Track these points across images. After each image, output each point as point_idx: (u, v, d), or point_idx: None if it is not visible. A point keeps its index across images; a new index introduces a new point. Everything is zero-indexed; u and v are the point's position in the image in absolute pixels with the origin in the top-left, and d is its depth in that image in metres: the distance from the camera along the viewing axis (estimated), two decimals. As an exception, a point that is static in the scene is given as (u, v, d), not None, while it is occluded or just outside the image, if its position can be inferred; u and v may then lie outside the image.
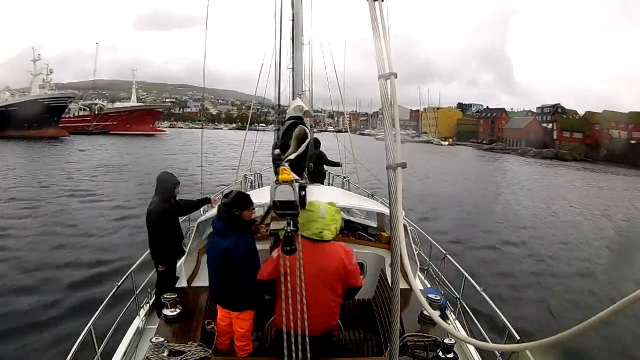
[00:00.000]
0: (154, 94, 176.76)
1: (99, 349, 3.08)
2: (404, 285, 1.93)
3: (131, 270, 3.96)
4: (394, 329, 1.67)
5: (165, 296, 3.37)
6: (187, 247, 4.12)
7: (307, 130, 3.44)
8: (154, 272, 4.39)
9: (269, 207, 3.68)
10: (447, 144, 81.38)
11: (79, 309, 6.49)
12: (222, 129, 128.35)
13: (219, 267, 2.98)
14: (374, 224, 5.78)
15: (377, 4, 1.53)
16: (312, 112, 5.52)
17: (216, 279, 3.08)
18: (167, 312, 3.26)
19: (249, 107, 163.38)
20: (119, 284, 3.74)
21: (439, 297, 3.62)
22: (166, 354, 2.62)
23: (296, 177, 2.21)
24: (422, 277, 4.86)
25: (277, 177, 2.21)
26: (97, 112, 73.08)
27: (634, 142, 56.71)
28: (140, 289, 4.06)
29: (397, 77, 1.54)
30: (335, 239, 2.69)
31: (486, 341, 3.29)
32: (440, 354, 2.75)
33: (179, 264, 4.22)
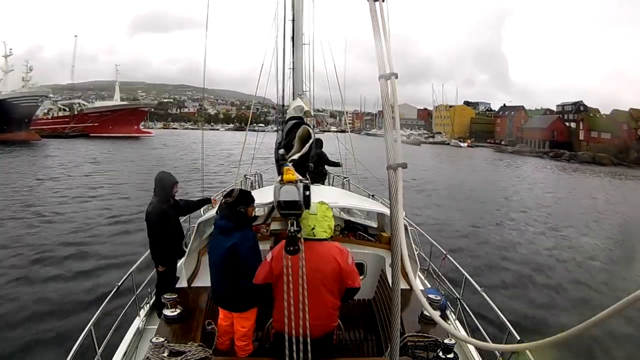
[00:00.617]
0: (153, 94, 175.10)
1: (99, 349, 3.08)
2: (404, 285, 1.93)
3: (131, 270, 3.96)
4: (394, 329, 1.67)
5: (165, 296, 3.37)
6: (187, 247, 4.12)
7: (310, 130, 3.45)
8: (154, 272, 4.39)
9: (271, 207, 3.68)
10: (465, 145, 72.78)
11: (79, 309, 6.49)
12: (218, 129, 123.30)
13: (224, 266, 2.97)
14: (374, 224, 5.77)
15: (377, 4, 1.53)
16: (312, 112, 5.52)
17: (219, 278, 3.07)
18: (167, 312, 3.26)
19: (248, 107, 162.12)
20: (119, 284, 3.74)
21: (439, 297, 3.62)
22: (166, 354, 2.62)
23: (300, 177, 2.21)
24: (422, 277, 4.86)
25: (280, 176, 2.21)
26: (77, 112, 64.64)
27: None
28: (140, 289, 4.06)
29: (397, 77, 1.54)
30: (334, 239, 2.68)
31: (486, 341, 3.29)
32: (440, 354, 2.75)
33: (179, 264, 4.22)
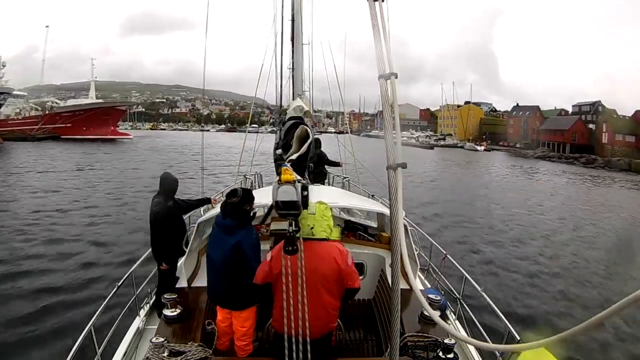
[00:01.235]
0: (147, 94, 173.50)
1: (99, 349, 3.08)
2: (404, 285, 1.93)
3: (131, 270, 3.96)
4: (394, 329, 1.67)
5: (165, 296, 3.37)
6: (187, 247, 4.12)
7: (309, 130, 3.45)
8: (154, 272, 4.40)
9: (270, 207, 3.68)
10: (482, 148, 66.57)
11: (79, 309, 6.49)
12: (209, 130, 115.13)
13: (228, 264, 2.97)
14: (374, 224, 5.78)
15: (377, 4, 1.53)
16: (312, 112, 5.53)
17: (219, 277, 3.07)
18: (167, 312, 3.26)
19: (242, 107, 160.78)
20: (119, 284, 3.74)
21: (439, 297, 3.62)
22: (166, 354, 2.62)
23: (298, 177, 2.21)
24: (422, 277, 4.86)
25: (279, 177, 2.21)
26: (48, 112, 57.90)
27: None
28: (140, 289, 4.06)
29: (397, 77, 1.54)
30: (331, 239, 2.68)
31: (486, 341, 3.29)
32: (440, 354, 2.75)
33: (179, 264, 4.23)
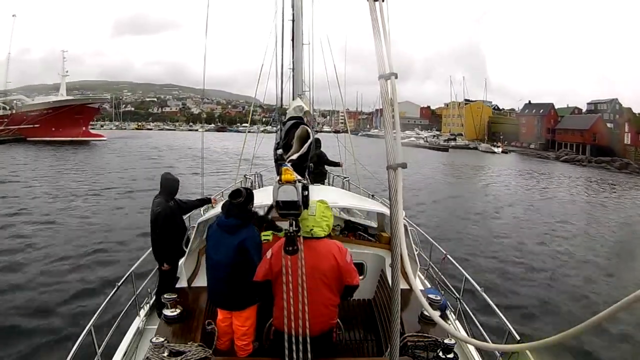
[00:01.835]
0: (139, 93, 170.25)
1: (99, 349, 3.08)
2: (404, 285, 1.93)
3: (131, 270, 3.96)
4: (394, 329, 1.67)
5: (165, 296, 3.37)
6: (187, 247, 4.12)
7: (309, 130, 3.45)
8: (154, 272, 4.40)
9: (269, 207, 3.68)
10: (499, 150, 59.94)
11: (79, 309, 6.49)
12: (197, 130, 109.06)
13: (232, 263, 2.97)
14: (374, 224, 5.78)
15: (377, 4, 1.53)
16: (312, 112, 5.52)
17: (221, 277, 3.06)
18: (167, 312, 3.26)
19: (234, 106, 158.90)
20: (119, 284, 3.74)
21: (439, 297, 3.62)
22: (166, 354, 2.62)
23: (299, 177, 2.21)
24: (422, 277, 4.86)
25: (279, 176, 2.21)
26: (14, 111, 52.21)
27: None
28: (140, 289, 4.06)
29: (397, 77, 1.54)
30: (332, 238, 2.68)
31: (486, 341, 3.29)
32: (440, 354, 2.75)
33: (179, 264, 4.22)
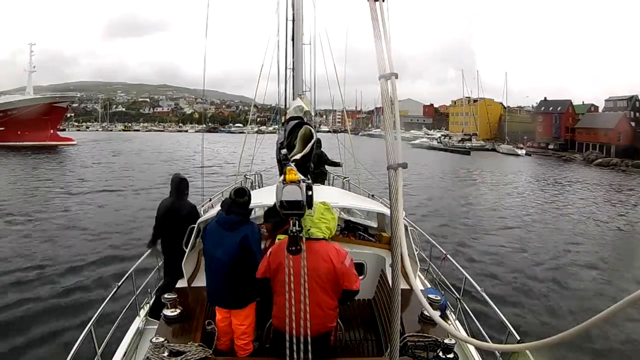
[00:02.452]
0: (133, 94, 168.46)
1: (99, 349, 3.08)
2: (404, 285, 1.93)
3: (131, 270, 3.96)
4: (394, 329, 1.67)
5: (165, 296, 3.36)
6: (187, 247, 4.12)
7: (312, 130, 3.45)
8: (154, 272, 4.41)
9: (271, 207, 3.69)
10: (523, 152, 54.44)
11: (79, 309, 6.50)
12: (187, 130, 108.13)
13: (234, 260, 2.97)
14: (374, 224, 5.78)
15: (377, 4, 1.53)
16: (312, 113, 5.51)
17: (221, 275, 3.06)
18: (167, 312, 3.26)
19: (228, 106, 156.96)
20: (119, 284, 3.74)
21: (439, 297, 3.62)
22: (166, 354, 2.62)
23: (302, 177, 2.22)
24: (422, 277, 4.86)
25: (283, 176, 2.21)
26: None
27: None
28: (140, 288, 4.06)
29: (397, 77, 1.54)
30: (333, 239, 2.67)
31: (486, 341, 3.29)
32: (440, 354, 2.74)
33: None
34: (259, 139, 9.59)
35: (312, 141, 3.27)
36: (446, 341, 2.76)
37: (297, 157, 3.12)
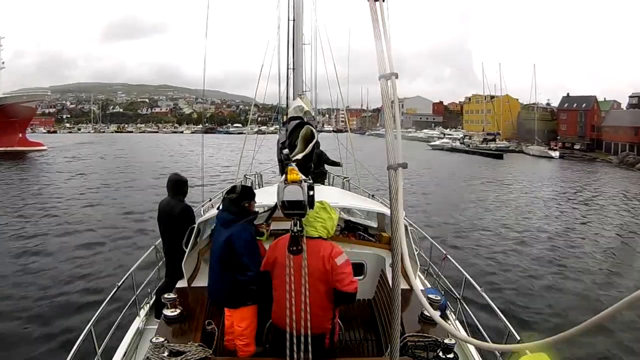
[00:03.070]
0: (134, 95, 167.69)
1: (99, 349, 3.08)
2: (404, 285, 1.93)
3: (131, 270, 3.96)
4: (394, 329, 1.66)
5: (165, 296, 3.36)
6: (187, 247, 4.12)
7: (314, 130, 3.45)
8: (154, 272, 4.41)
9: (273, 207, 3.68)
10: (557, 154, 49.81)
11: (79, 309, 6.50)
12: (182, 131, 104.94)
13: (221, 258, 2.98)
14: (374, 224, 5.78)
15: (377, 4, 1.53)
16: (312, 113, 5.51)
17: (216, 271, 3.07)
18: (167, 312, 3.26)
19: (228, 106, 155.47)
20: (119, 284, 3.74)
21: (439, 297, 3.62)
22: (166, 354, 2.62)
23: (304, 177, 2.22)
24: (422, 277, 4.86)
25: (285, 176, 2.21)
26: None
27: None
28: (140, 289, 4.06)
29: (397, 77, 1.54)
30: (333, 239, 2.66)
31: (486, 341, 3.29)
32: (440, 354, 2.74)
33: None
34: (259, 139, 9.53)
35: (314, 141, 3.27)
36: (446, 341, 2.76)
37: (299, 157, 3.12)
